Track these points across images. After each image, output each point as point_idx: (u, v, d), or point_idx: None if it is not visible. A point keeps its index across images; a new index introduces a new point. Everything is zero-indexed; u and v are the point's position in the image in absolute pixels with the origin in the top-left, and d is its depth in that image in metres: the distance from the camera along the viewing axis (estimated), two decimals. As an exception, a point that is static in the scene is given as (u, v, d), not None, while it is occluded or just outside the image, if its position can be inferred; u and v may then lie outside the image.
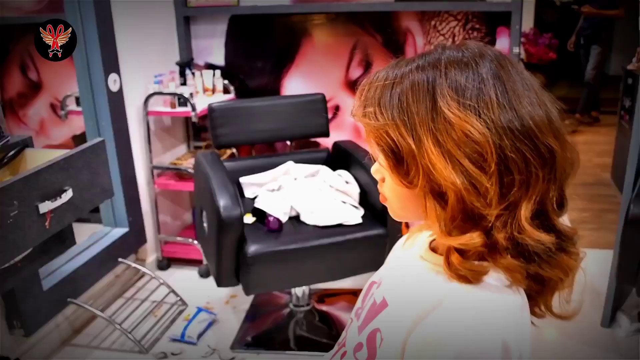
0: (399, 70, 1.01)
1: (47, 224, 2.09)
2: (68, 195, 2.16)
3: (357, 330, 1.19)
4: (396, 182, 1.03)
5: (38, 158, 2.29)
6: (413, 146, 0.96)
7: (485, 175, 0.93)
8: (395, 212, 1.12)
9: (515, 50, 3.71)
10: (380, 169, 1.08)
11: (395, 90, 0.99)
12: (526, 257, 0.98)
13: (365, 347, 1.11)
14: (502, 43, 3.76)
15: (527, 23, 8.45)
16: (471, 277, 0.97)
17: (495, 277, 0.99)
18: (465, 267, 0.97)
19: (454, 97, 0.94)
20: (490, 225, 0.96)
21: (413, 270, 1.13)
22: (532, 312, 1.11)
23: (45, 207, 2.06)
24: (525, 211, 0.96)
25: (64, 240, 2.50)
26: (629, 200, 2.81)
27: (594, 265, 3.93)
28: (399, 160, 0.99)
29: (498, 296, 0.98)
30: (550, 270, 1.01)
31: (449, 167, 0.93)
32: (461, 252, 0.98)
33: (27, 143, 2.40)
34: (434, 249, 1.13)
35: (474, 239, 0.96)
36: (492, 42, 3.78)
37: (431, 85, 0.96)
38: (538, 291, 1.07)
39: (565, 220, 1.07)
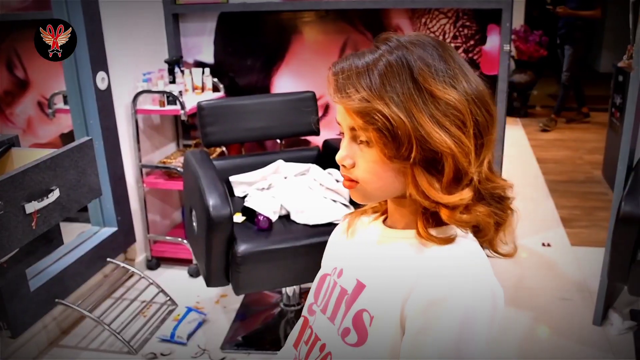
0: (366, 58, 1.10)
1: (33, 224, 2.06)
2: (55, 195, 2.13)
3: (328, 322, 1.24)
4: (387, 158, 1.09)
5: (24, 157, 2.26)
6: (406, 121, 1.04)
7: (467, 138, 1.07)
8: (367, 193, 1.17)
9: (506, 47, 3.70)
10: (350, 154, 1.14)
11: (373, 74, 1.07)
12: (490, 204, 1.14)
13: (353, 330, 1.15)
14: (493, 40, 3.75)
15: (518, 20, 8.47)
16: (463, 226, 1.12)
17: (456, 231, 1.14)
18: (456, 220, 1.09)
19: (428, 73, 1.06)
20: (469, 181, 1.10)
21: (381, 249, 1.22)
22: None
23: (31, 207, 2.03)
24: (488, 166, 1.14)
25: (51, 240, 2.47)
26: (621, 198, 2.81)
27: (586, 263, 3.95)
28: (392, 136, 1.05)
29: (470, 245, 1.13)
30: (502, 214, 1.16)
31: (443, 135, 1.05)
32: (450, 208, 1.09)
33: (13, 142, 2.37)
34: (391, 228, 1.24)
35: (467, 193, 1.09)
36: (483, 40, 3.77)
37: (406, 64, 1.06)
38: (483, 234, 1.17)
39: None
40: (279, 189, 3.22)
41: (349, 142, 1.13)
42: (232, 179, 3.37)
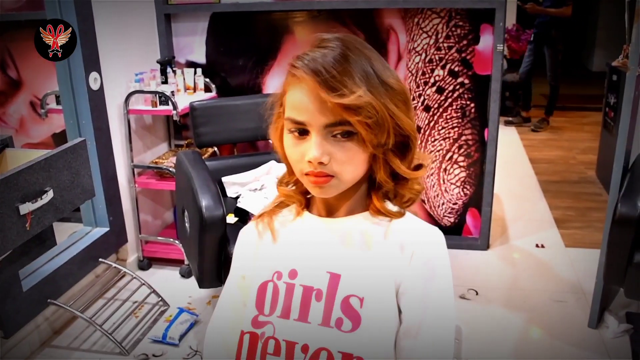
0: (332, 55, 1.15)
1: (27, 225, 2.06)
2: (49, 196, 2.14)
3: (298, 324, 1.21)
4: (364, 148, 1.16)
5: (18, 158, 2.26)
6: (386, 111, 1.14)
7: (414, 120, 1.21)
8: (343, 184, 1.20)
9: (500, 47, 3.71)
10: (325, 151, 1.15)
11: (354, 72, 1.13)
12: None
13: (345, 318, 1.17)
14: (486, 40, 3.75)
15: (510, 19, 8.47)
16: (416, 195, 1.28)
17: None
18: (414, 189, 1.27)
19: (381, 67, 1.16)
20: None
21: (336, 237, 1.27)
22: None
23: (25, 208, 2.03)
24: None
25: (44, 240, 2.48)
26: (617, 200, 2.78)
27: (580, 265, 3.94)
28: (379, 127, 1.14)
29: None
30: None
31: (407, 119, 1.18)
32: (406, 182, 1.26)
33: (7, 143, 2.38)
34: (329, 217, 1.29)
35: (426, 165, 1.28)
36: (476, 39, 3.77)
37: (370, 67, 1.15)
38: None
39: None
40: (271, 190, 3.22)
41: (322, 140, 1.14)
42: (224, 179, 3.37)
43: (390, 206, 1.27)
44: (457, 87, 3.88)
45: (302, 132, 1.16)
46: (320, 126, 1.13)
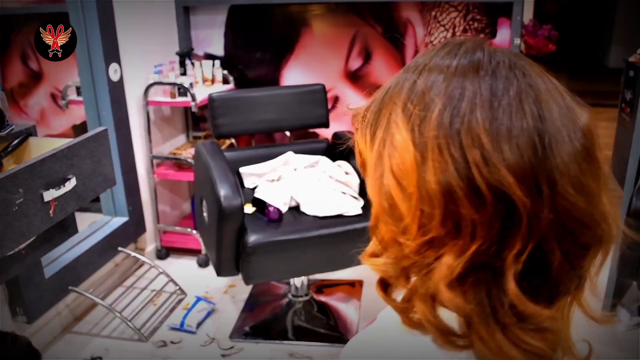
0: (408, 69, 0.83)
1: (51, 212, 2.10)
2: (72, 183, 2.17)
3: None
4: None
5: (42, 147, 2.30)
6: (368, 147, 0.83)
7: (403, 196, 0.75)
8: None
9: (517, 41, 3.72)
10: None
11: (381, 90, 0.84)
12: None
13: None
14: (503, 34, 3.77)
15: (527, 14, 8.44)
16: (399, 313, 0.81)
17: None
18: (387, 299, 0.83)
19: (403, 104, 0.77)
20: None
21: None
22: None
23: (49, 195, 2.07)
24: (449, 258, 0.72)
25: (66, 228, 2.52)
26: (632, 193, 2.80)
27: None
28: (362, 161, 0.87)
29: (405, 338, 0.80)
30: (482, 346, 0.74)
31: (375, 176, 0.79)
32: (383, 282, 0.85)
33: (30, 132, 2.42)
34: None
35: (386, 266, 0.81)
36: (493, 34, 3.78)
37: (399, 87, 0.79)
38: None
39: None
40: (288, 181, 3.25)
41: None
42: (242, 170, 3.40)
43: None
44: (474, 80, 3.89)
45: None
46: None
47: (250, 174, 3.39)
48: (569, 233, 0.72)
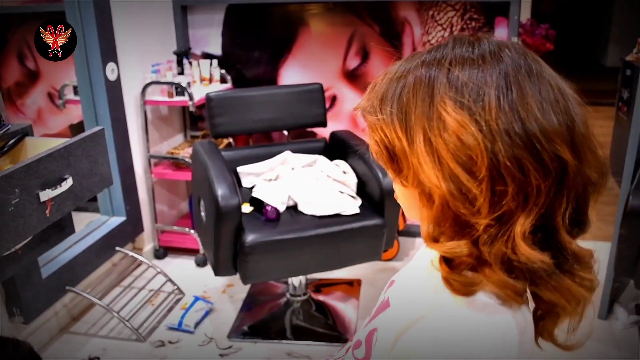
0: (408, 64, 0.96)
1: (47, 212, 2.09)
2: (68, 183, 2.17)
3: (363, 325, 1.17)
4: (392, 177, 1.00)
5: (38, 146, 2.29)
6: (405, 144, 0.92)
7: (474, 180, 0.85)
8: (405, 210, 1.07)
9: (514, 40, 3.71)
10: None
11: (399, 85, 0.94)
12: (522, 274, 0.89)
13: (363, 345, 1.09)
14: (501, 33, 3.76)
15: (524, 13, 8.44)
16: (460, 290, 0.91)
17: (489, 294, 0.92)
18: (452, 278, 0.91)
19: (451, 95, 0.87)
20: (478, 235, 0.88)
21: (418, 273, 1.10)
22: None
23: (45, 195, 2.06)
24: (521, 225, 0.86)
25: (63, 228, 2.51)
26: (628, 192, 2.80)
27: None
28: (391, 157, 0.96)
29: (485, 317, 0.90)
30: (550, 294, 0.92)
31: (436, 169, 0.88)
32: (449, 260, 0.92)
33: (27, 131, 2.41)
34: None
35: (460, 247, 0.89)
36: (491, 33, 3.77)
37: (431, 81, 0.90)
38: (541, 315, 1.01)
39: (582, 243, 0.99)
40: (286, 180, 3.25)
41: None
42: (239, 169, 3.40)
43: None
44: (471, 79, 3.89)
45: None
46: None
47: (248, 174, 3.39)
48: (590, 184, 0.94)
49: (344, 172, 3.23)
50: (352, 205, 3.05)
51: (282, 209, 3.03)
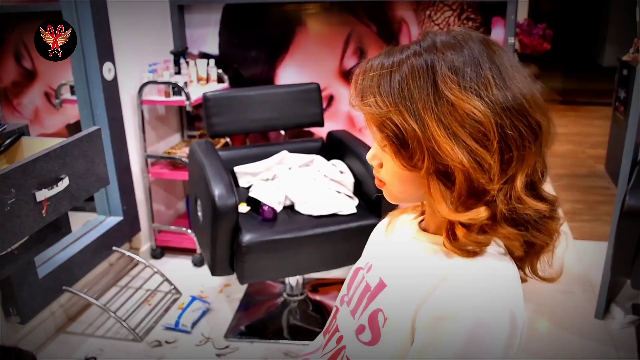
0: (394, 57, 1.06)
1: (43, 212, 2.09)
2: (64, 183, 2.16)
3: (350, 315, 1.23)
4: (399, 166, 1.07)
5: (34, 146, 2.29)
6: (418, 130, 1.00)
7: (488, 152, 1.00)
8: (394, 195, 1.16)
9: (511, 40, 3.72)
10: (377, 154, 1.13)
11: (394, 77, 1.03)
12: (521, 226, 1.06)
13: (367, 329, 1.14)
14: (497, 33, 3.77)
15: (521, 13, 8.45)
16: (477, 248, 1.05)
17: (492, 247, 1.09)
18: (471, 240, 1.04)
19: (454, 79, 0.99)
20: (492, 199, 1.03)
21: (408, 250, 1.19)
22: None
23: (42, 195, 2.06)
24: (520, 183, 1.03)
25: (59, 228, 2.51)
26: (625, 192, 2.80)
27: (588, 257, 3.94)
28: (403, 145, 1.03)
29: (500, 264, 1.07)
30: (540, 236, 1.09)
31: (455, 148, 0.99)
32: (466, 226, 1.04)
33: (23, 131, 2.41)
34: (424, 230, 1.20)
35: (480, 213, 1.02)
36: (487, 33, 3.78)
37: (430, 69, 1.01)
38: (525, 256, 1.13)
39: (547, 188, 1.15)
40: (283, 180, 3.25)
41: (377, 145, 1.11)
42: (236, 169, 3.39)
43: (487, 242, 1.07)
44: (468, 79, 3.89)
45: None
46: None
47: (245, 173, 3.39)
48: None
49: (341, 172, 3.23)
50: (349, 205, 3.05)
51: (279, 208, 3.03)
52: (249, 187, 3.29)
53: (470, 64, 1.01)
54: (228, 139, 3.94)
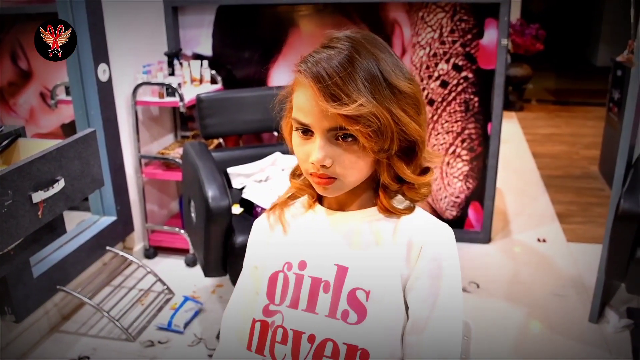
0: (337, 59, 1.14)
1: (39, 213, 2.11)
2: (60, 185, 2.18)
3: (306, 315, 1.25)
4: (367, 152, 1.17)
5: (31, 148, 2.31)
6: (389, 118, 1.14)
7: (425, 123, 1.23)
8: (346, 185, 1.22)
9: (504, 41, 3.73)
10: (328, 154, 1.16)
11: (356, 79, 1.12)
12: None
13: (351, 310, 1.21)
14: (491, 35, 3.79)
15: (514, 14, 8.47)
16: (422, 199, 1.30)
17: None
18: (419, 194, 1.28)
19: (390, 69, 1.16)
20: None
21: (346, 229, 1.29)
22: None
23: (38, 196, 2.08)
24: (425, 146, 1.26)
25: (54, 228, 2.53)
26: (620, 195, 2.79)
27: (582, 259, 3.94)
28: (381, 134, 1.14)
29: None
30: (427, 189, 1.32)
31: (414, 124, 1.18)
32: (416, 187, 1.27)
33: (20, 133, 2.42)
34: (340, 210, 1.32)
35: (434, 173, 1.29)
36: (480, 34, 3.80)
37: (375, 65, 1.15)
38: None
39: None
40: (276, 181, 3.26)
41: (325, 143, 1.16)
42: (229, 170, 3.41)
43: (399, 202, 1.29)
44: (461, 81, 3.92)
45: (307, 131, 1.18)
46: (324, 130, 1.15)
47: (238, 175, 3.40)
48: None
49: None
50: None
51: (272, 209, 3.04)
52: (242, 188, 3.30)
53: (387, 54, 1.19)
54: (221, 140, 3.96)
